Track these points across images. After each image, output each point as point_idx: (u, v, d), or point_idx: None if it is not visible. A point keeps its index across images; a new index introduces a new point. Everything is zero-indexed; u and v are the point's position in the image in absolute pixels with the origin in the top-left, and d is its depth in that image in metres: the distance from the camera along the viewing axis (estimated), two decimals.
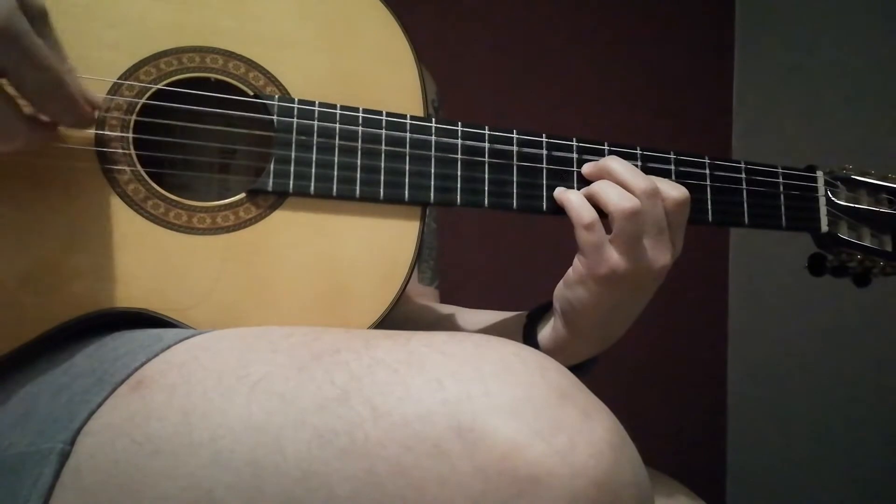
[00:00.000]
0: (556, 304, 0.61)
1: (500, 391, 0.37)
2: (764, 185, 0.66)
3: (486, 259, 1.57)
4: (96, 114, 0.50)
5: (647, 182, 0.57)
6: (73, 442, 0.42)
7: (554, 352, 0.61)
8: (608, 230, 0.57)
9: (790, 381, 1.75)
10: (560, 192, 0.59)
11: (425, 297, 0.84)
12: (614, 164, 0.59)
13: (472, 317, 0.75)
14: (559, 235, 0.65)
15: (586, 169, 0.60)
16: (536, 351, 0.41)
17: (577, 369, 0.63)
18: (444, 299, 0.87)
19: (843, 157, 0.77)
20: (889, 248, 0.70)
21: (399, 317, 0.72)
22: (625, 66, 1.78)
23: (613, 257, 0.56)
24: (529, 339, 0.64)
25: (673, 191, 0.58)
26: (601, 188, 0.58)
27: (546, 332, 0.63)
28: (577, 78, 1.71)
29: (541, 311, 0.65)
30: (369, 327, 0.54)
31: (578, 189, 0.59)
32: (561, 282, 0.60)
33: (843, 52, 1.69)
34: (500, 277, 1.56)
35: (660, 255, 0.57)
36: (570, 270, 0.59)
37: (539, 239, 1.36)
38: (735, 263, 1.90)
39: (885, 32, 1.62)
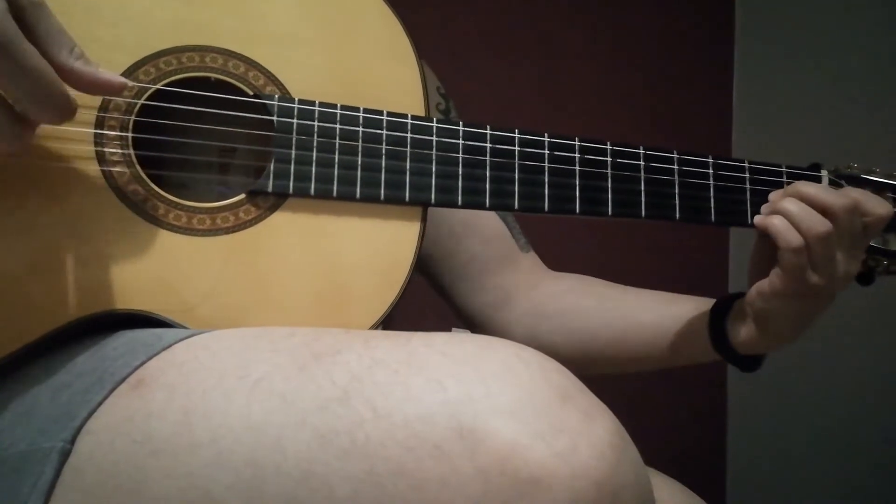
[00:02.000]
0: (749, 310, 0.63)
1: (501, 392, 0.37)
2: (768, 184, 0.66)
3: None
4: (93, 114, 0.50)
5: (845, 199, 0.59)
6: (73, 441, 0.42)
7: (748, 348, 0.65)
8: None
9: (790, 381, 1.75)
10: (762, 219, 0.60)
11: (533, 266, 0.83)
12: (805, 187, 0.60)
13: (643, 302, 0.76)
14: (557, 235, 0.65)
15: (773, 197, 0.62)
16: (537, 352, 0.41)
17: (755, 360, 0.67)
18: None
19: (843, 157, 0.77)
20: (893, 248, 0.69)
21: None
22: (625, 66, 1.78)
23: (813, 278, 0.58)
24: (718, 335, 0.66)
25: (879, 208, 0.61)
26: (793, 211, 0.59)
27: (740, 332, 0.64)
28: (577, 78, 1.71)
29: (725, 307, 0.67)
30: (370, 328, 0.54)
31: (581, 186, 0.60)
32: (754, 290, 0.62)
33: (843, 52, 1.69)
34: None
35: (852, 265, 0.61)
36: (765, 283, 0.60)
37: (537, 239, 1.36)
38: (735, 263, 1.90)
39: (885, 32, 1.62)
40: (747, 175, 0.65)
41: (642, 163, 0.62)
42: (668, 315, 0.72)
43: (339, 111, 0.55)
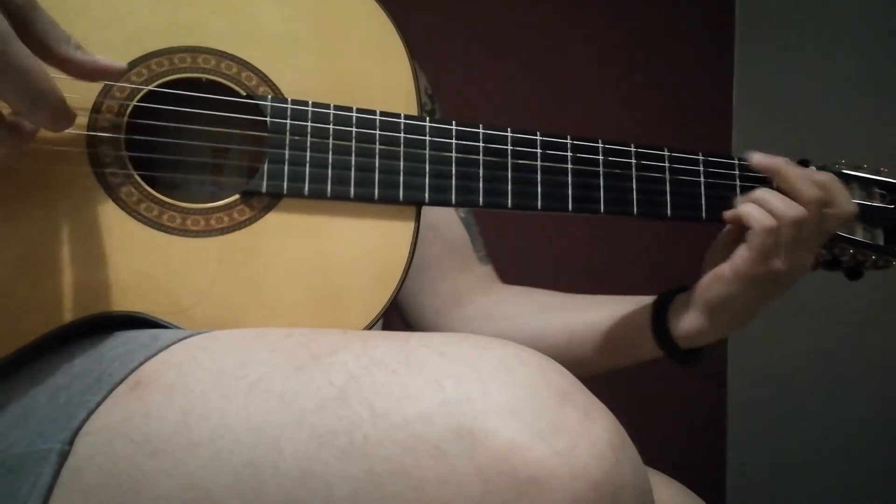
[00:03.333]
0: (701, 298, 0.64)
1: (500, 392, 0.37)
2: (757, 180, 0.66)
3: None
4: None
5: (818, 191, 0.61)
6: (71, 442, 0.42)
7: (691, 340, 0.66)
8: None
9: (790, 381, 1.75)
10: (734, 212, 0.63)
11: (487, 277, 0.84)
12: (786, 167, 0.62)
13: (582, 311, 0.76)
14: (553, 233, 0.65)
15: (757, 157, 0.64)
16: (536, 352, 0.41)
17: (698, 353, 0.68)
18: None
19: (842, 156, 0.77)
20: (881, 242, 0.70)
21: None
22: (625, 66, 1.78)
23: (777, 263, 0.60)
24: (660, 328, 0.67)
25: (848, 206, 0.63)
26: (766, 198, 0.61)
27: (682, 323, 0.66)
28: (576, 78, 1.71)
29: (666, 302, 0.68)
30: (365, 327, 0.54)
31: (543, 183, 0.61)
32: (712, 275, 0.63)
33: (843, 53, 1.69)
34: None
35: (810, 256, 0.62)
36: (725, 266, 0.62)
37: (533, 236, 1.36)
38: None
39: (884, 32, 1.62)
40: (737, 172, 0.66)
41: (634, 161, 0.62)
42: (608, 316, 0.73)
43: (332, 111, 0.55)
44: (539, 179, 0.59)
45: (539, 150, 0.60)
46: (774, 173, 0.64)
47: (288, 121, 0.54)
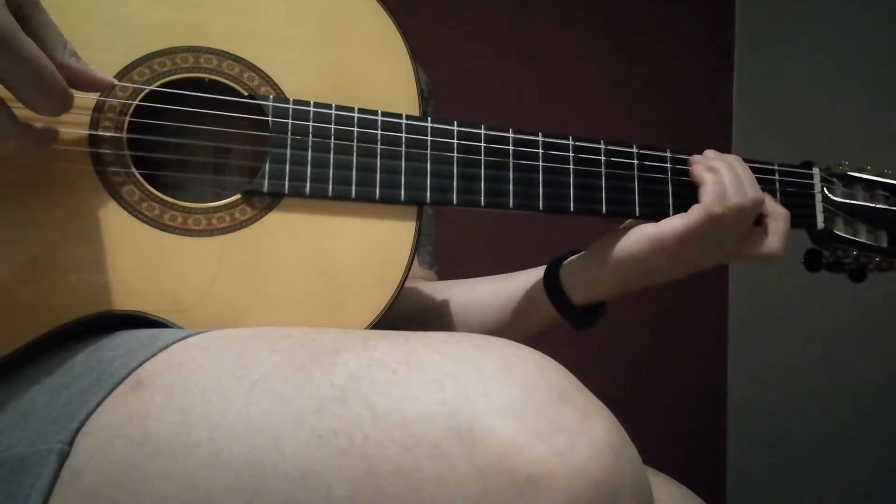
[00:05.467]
0: (627, 242, 0.63)
1: (499, 392, 0.37)
2: (761, 182, 0.66)
3: (482, 252, 1.57)
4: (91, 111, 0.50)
5: (760, 193, 0.63)
6: (71, 442, 0.42)
7: (576, 284, 0.66)
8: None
9: (790, 381, 1.75)
10: (700, 168, 0.64)
11: (425, 279, 0.84)
12: (739, 165, 0.64)
13: (486, 288, 0.76)
14: (553, 233, 0.65)
15: (710, 153, 0.65)
16: (536, 351, 0.41)
17: (587, 313, 0.67)
18: None
19: (842, 156, 0.77)
20: (884, 244, 0.70)
21: (406, 304, 0.75)
22: (625, 66, 1.78)
23: (699, 250, 0.62)
24: (551, 276, 0.67)
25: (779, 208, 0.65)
26: (731, 177, 0.62)
27: (579, 270, 0.66)
28: (577, 78, 1.71)
29: (564, 258, 0.69)
30: (366, 327, 0.54)
31: (544, 182, 0.61)
32: (635, 230, 0.63)
33: (842, 52, 1.69)
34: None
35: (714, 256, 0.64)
36: (650, 227, 0.62)
37: (533, 235, 1.36)
38: (735, 263, 1.90)
39: (884, 32, 1.62)
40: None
41: (636, 161, 0.62)
42: (512, 283, 0.73)
43: (333, 111, 0.55)
44: (541, 180, 0.59)
45: (541, 151, 0.60)
46: (730, 166, 0.64)
47: (290, 121, 0.54)
